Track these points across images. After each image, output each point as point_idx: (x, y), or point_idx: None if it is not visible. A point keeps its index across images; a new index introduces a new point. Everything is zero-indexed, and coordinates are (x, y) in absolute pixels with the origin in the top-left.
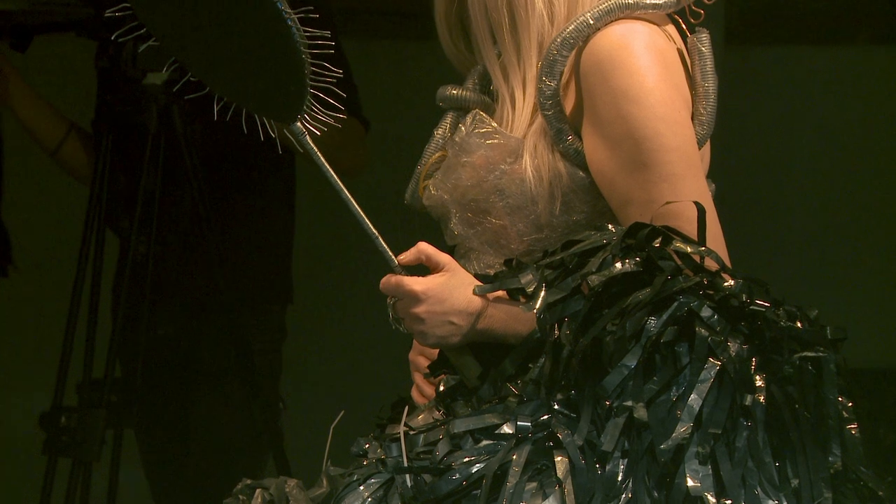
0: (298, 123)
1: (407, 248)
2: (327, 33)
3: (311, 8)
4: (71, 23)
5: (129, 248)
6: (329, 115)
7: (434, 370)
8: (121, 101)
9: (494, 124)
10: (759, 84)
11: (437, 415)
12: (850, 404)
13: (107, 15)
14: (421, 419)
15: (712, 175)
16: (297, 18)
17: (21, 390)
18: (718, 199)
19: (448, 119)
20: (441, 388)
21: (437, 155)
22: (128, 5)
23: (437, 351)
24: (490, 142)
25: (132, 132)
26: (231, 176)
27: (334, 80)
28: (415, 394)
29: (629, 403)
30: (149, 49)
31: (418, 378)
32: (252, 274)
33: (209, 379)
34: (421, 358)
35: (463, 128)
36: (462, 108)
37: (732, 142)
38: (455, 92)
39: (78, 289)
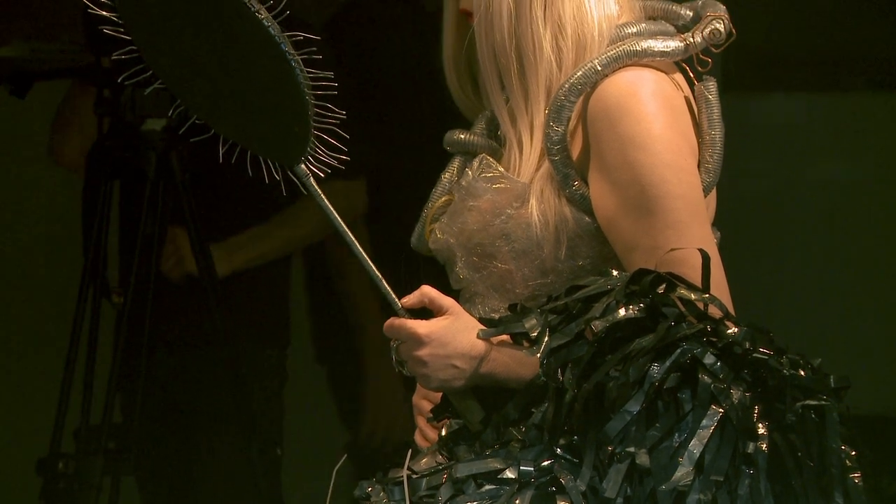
0: (302, 165)
1: (411, 292)
2: (331, 74)
3: (315, 49)
4: (70, 69)
5: (128, 292)
6: (333, 157)
7: (437, 414)
8: (119, 148)
9: (501, 169)
10: (756, 131)
11: (440, 459)
12: (853, 453)
13: (113, 58)
14: (424, 463)
15: (717, 223)
16: (301, 60)
17: (18, 436)
18: (720, 247)
19: (455, 163)
20: (444, 433)
21: (443, 199)
22: (133, 49)
23: (440, 394)
24: (497, 186)
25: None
26: (229, 220)
27: (338, 122)
28: (418, 437)
29: (632, 449)
30: (148, 95)
31: (421, 422)
32: (250, 318)
33: (207, 424)
34: (424, 401)
35: (470, 172)
36: (469, 153)
37: (730, 188)
38: (462, 136)
39: (76, 334)
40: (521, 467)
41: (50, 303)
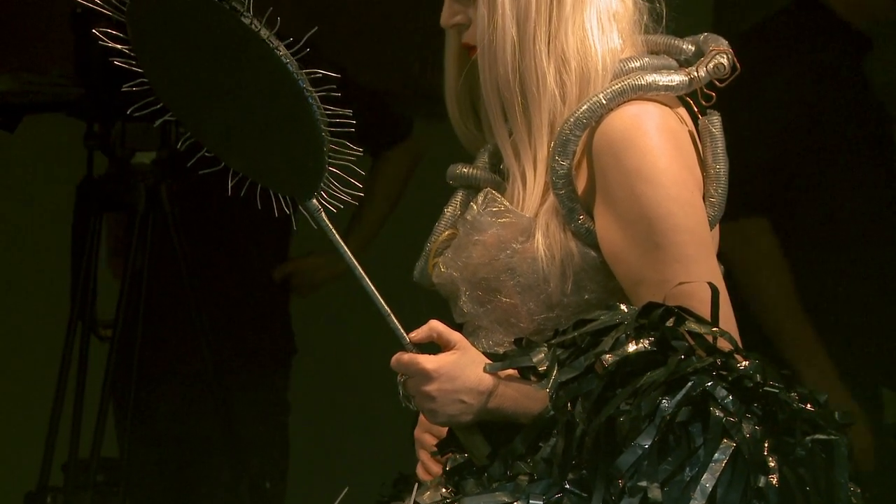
0: (314, 200)
1: (417, 326)
2: (349, 111)
3: (334, 87)
4: (60, 103)
5: (117, 326)
6: (346, 193)
7: (442, 448)
8: (109, 181)
9: (506, 203)
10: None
11: (444, 492)
12: (858, 490)
13: (124, 89)
14: (427, 496)
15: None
16: (319, 97)
17: (7, 469)
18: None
19: (458, 197)
20: (448, 466)
21: (447, 233)
22: (143, 82)
23: (443, 428)
24: (502, 220)
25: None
26: (220, 255)
27: (354, 159)
28: (420, 471)
29: (643, 483)
30: (138, 128)
31: (424, 456)
32: (243, 351)
33: (197, 458)
34: (427, 435)
35: (475, 206)
36: (472, 187)
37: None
38: (465, 170)
39: (65, 367)
40: (531, 501)
41: (39, 336)
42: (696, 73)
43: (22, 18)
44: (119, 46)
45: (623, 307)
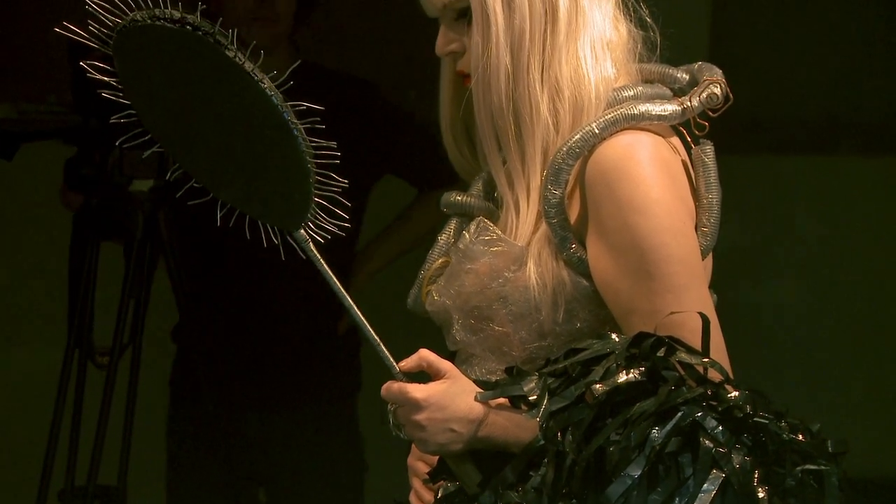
0: (302, 230)
1: (408, 355)
2: (333, 143)
3: (318, 119)
4: (57, 131)
5: (114, 354)
6: (333, 224)
7: (434, 477)
8: (107, 209)
9: (498, 232)
10: (742, 193)
11: None
12: None
13: (112, 121)
14: None
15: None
16: (304, 129)
17: (3, 497)
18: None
19: (452, 225)
20: (440, 494)
21: (440, 261)
22: (132, 113)
23: (436, 456)
24: (494, 249)
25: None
26: (215, 283)
27: (339, 190)
28: (413, 499)
29: None
30: (135, 156)
31: (417, 483)
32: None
33: (190, 485)
34: (420, 463)
35: (467, 235)
36: (466, 215)
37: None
38: (459, 198)
39: (62, 394)
40: None
41: (36, 362)
42: (689, 103)
43: (19, 47)
44: (107, 79)
45: (614, 336)
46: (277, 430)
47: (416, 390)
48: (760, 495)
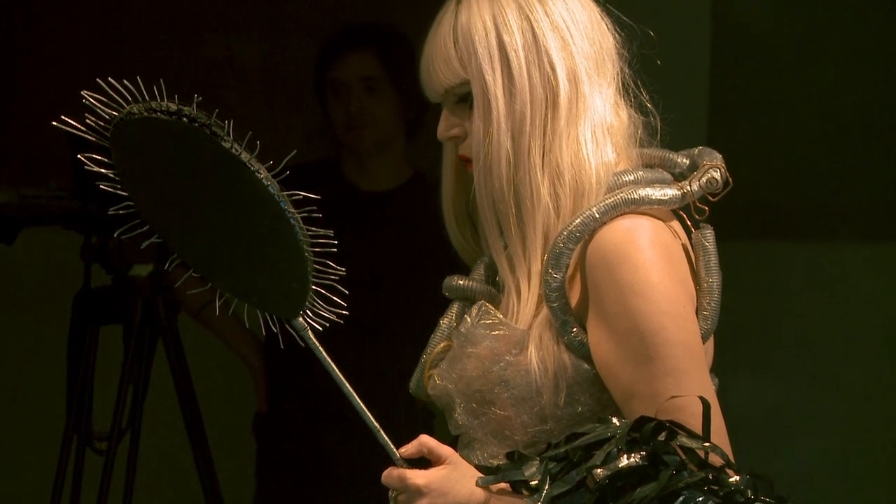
0: (300, 319)
1: (409, 440)
2: (330, 232)
3: (314, 208)
4: (58, 216)
5: (113, 440)
6: (332, 311)
7: None
8: (106, 293)
9: (500, 315)
10: (740, 278)
11: None
12: None
13: (110, 213)
14: None
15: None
16: (301, 218)
17: None
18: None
19: (454, 309)
20: None
21: (442, 345)
22: (130, 203)
23: None
24: (495, 333)
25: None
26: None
27: (337, 278)
28: None
29: None
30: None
31: None
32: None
33: None
34: None
35: (468, 318)
36: (468, 299)
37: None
38: (461, 282)
39: (59, 480)
40: None
41: (34, 448)
42: (689, 188)
43: (20, 132)
44: (104, 171)
45: (615, 420)
46: None
47: (417, 476)
48: None
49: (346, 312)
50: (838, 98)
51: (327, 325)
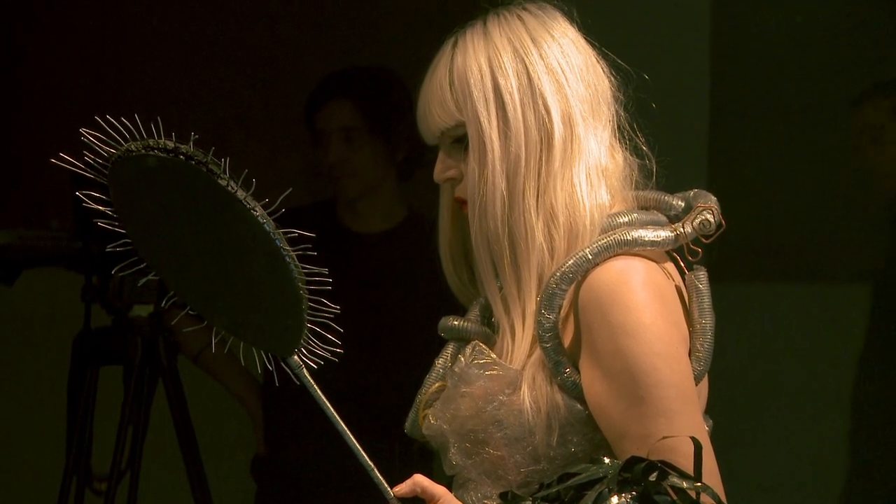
0: (295, 356)
1: (403, 479)
2: (325, 270)
3: (310, 246)
4: (58, 256)
5: (112, 481)
6: (326, 350)
7: None
8: (106, 334)
9: (493, 356)
10: (739, 320)
11: None
12: None
13: (107, 250)
14: None
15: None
16: (296, 256)
17: None
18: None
19: (449, 349)
20: None
21: (436, 385)
22: (128, 241)
23: None
24: (489, 373)
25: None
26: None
27: (332, 316)
28: None
29: None
30: (135, 282)
31: None
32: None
33: None
34: None
35: (462, 358)
36: (463, 339)
37: (713, 375)
38: (456, 323)
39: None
40: None
41: (33, 489)
42: (682, 229)
43: (20, 173)
44: (102, 209)
45: (607, 460)
46: None
47: None
48: None
49: (341, 350)
50: (840, 133)
51: (322, 363)
